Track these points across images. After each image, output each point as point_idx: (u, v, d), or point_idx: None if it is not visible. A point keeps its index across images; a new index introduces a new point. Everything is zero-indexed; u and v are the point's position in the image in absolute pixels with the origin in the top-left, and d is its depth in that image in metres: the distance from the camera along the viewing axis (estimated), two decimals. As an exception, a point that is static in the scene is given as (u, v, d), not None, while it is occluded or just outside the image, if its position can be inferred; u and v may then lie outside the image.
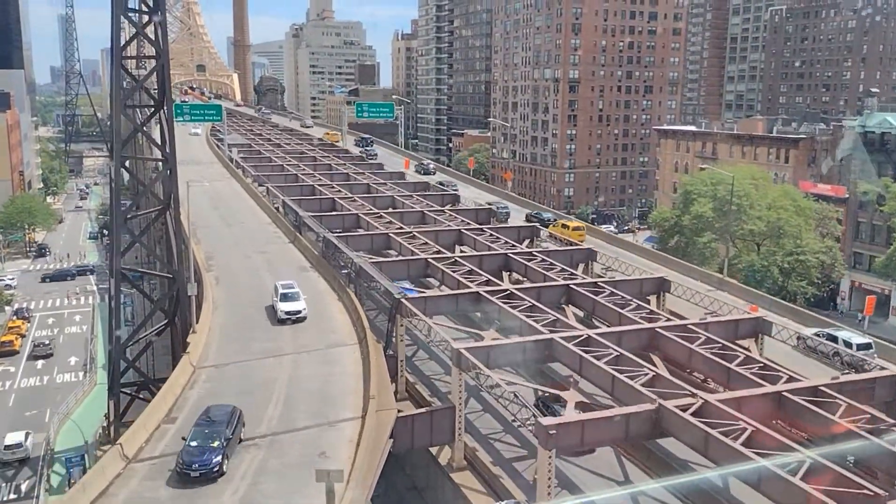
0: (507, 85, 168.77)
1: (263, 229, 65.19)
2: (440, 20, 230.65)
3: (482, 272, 46.87)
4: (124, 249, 48.57)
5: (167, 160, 46.89)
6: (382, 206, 70.05)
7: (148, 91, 47.64)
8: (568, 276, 46.67)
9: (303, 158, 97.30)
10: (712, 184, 70.03)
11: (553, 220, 68.91)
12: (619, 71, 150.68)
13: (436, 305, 41.67)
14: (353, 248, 53.36)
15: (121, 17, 44.66)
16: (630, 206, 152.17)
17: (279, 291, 42.71)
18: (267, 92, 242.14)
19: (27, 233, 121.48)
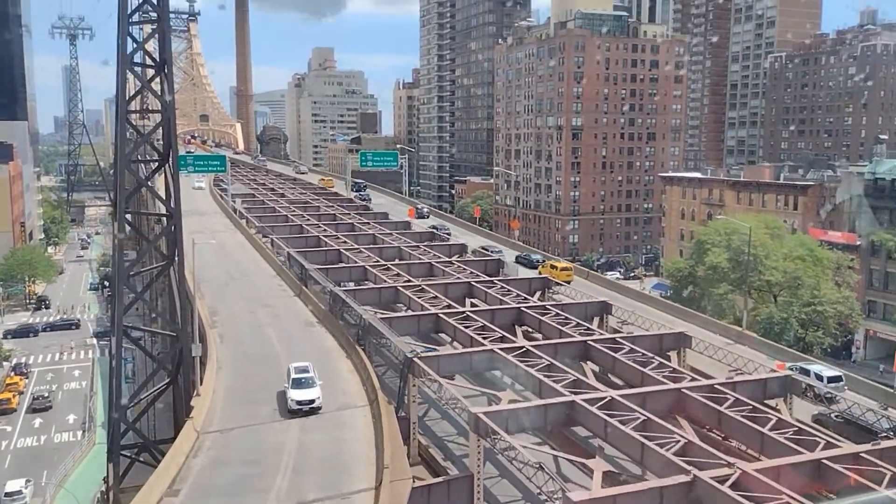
0: (509, 132, 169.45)
1: (268, 282, 63.92)
2: (441, 69, 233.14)
3: (495, 327, 45.42)
4: (127, 305, 47.42)
5: (172, 215, 45.92)
6: (389, 258, 68.90)
7: (153, 145, 46.89)
8: (584, 332, 45.20)
9: (307, 208, 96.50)
10: (726, 233, 69.07)
11: (542, 261, 71.01)
12: (621, 118, 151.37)
13: (449, 364, 40.10)
14: (361, 303, 51.99)
15: (126, 71, 44.13)
16: (635, 253, 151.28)
17: (291, 375, 37.58)
18: (270, 141, 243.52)
19: (28, 285, 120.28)
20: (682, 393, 35.16)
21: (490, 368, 41.06)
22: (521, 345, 41.67)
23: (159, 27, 44.43)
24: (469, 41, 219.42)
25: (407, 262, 66.43)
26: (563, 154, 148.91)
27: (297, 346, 47.02)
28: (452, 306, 50.50)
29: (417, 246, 71.29)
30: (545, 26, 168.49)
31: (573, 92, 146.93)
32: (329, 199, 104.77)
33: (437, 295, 52.86)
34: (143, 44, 44.16)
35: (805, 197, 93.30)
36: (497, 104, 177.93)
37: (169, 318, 49.00)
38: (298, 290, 59.50)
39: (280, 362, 43.98)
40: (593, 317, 51.22)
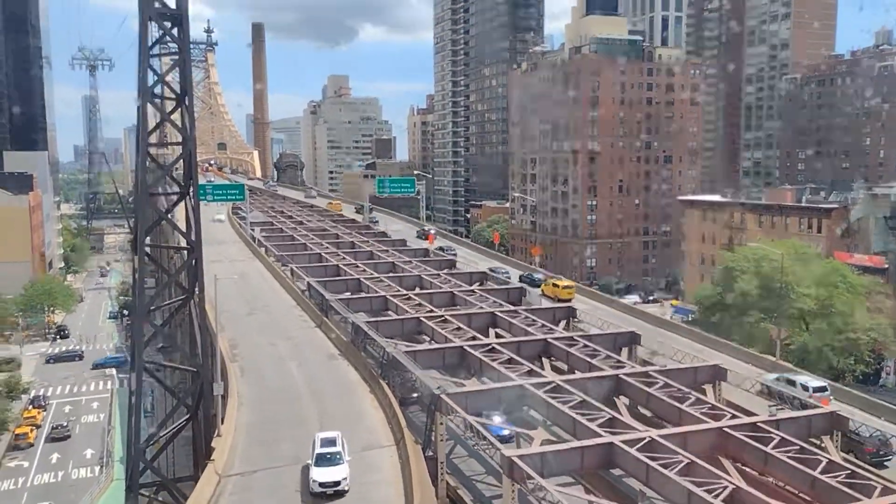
0: (525, 157, 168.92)
1: (289, 313, 63.08)
2: (456, 95, 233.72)
3: (522, 360, 44.23)
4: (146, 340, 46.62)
5: (193, 248, 45.24)
6: (409, 286, 67.97)
7: (174, 177, 46.37)
8: (615, 364, 43.85)
9: (325, 236, 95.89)
10: (755, 260, 67.69)
11: (543, 280, 73.61)
12: (638, 142, 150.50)
13: (478, 401, 38.85)
14: (383, 334, 50.98)
15: (147, 104, 43.71)
16: (654, 277, 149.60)
17: (315, 449, 32.47)
18: (287, 168, 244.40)
19: (47, 316, 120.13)
20: (724, 432, 33.74)
21: (520, 405, 39.77)
22: (550, 379, 40.40)
23: (180, 59, 44.12)
24: (483, 67, 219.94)
25: (428, 290, 65.45)
26: (580, 178, 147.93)
27: (319, 379, 46.07)
28: (477, 338, 49.39)
29: (437, 274, 70.33)
30: (560, 52, 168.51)
31: (589, 116, 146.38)
32: (347, 227, 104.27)
33: (460, 326, 51.79)
34: (163, 76, 43.77)
35: (829, 220, 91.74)
36: (512, 129, 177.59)
37: (189, 353, 48.05)
38: (319, 320, 58.60)
39: (302, 398, 43.04)
40: (622, 347, 49.87)
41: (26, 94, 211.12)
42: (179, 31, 43.90)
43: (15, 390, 75.51)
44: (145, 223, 44.65)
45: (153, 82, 43.29)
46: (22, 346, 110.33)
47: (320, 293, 61.73)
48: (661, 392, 38.95)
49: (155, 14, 42.58)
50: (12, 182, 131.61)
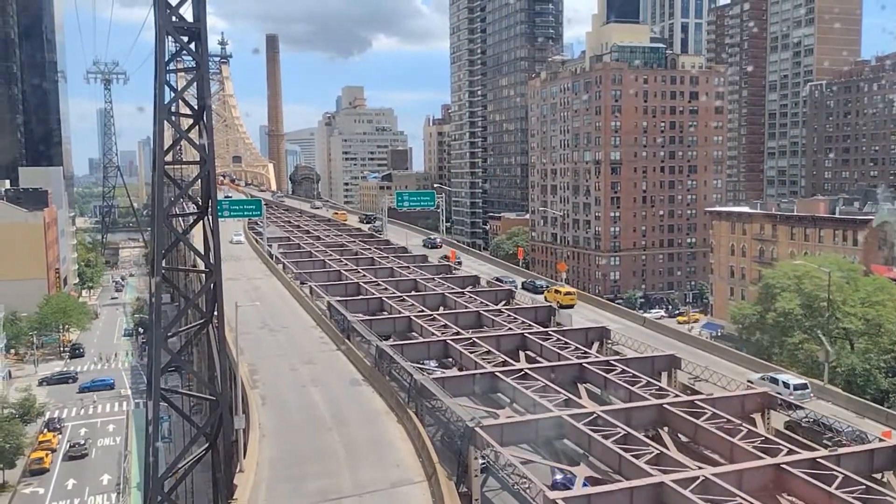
0: (545, 168, 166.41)
1: (308, 334, 60.99)
2: (473, 105, 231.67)
3: (558, 388, 41.83)
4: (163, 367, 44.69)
5: (211, 272, 43.23)
6: (433, 306, 65.79)
7: (192, 197, 44.41)
8: (657, 392, 41.34)
9: (344, 252, 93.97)
10: (796, 277, 64.83)
11: (546, 286, 75.60)
12: (661, 151, 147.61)
13: (514, 433, 36.47)
14: (409, 358, 48.81)
15: (164, 122, 41.84)
16: (680, 290, 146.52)
17: None
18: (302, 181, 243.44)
19: (61, 335, 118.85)
20: (781, 469, 31.20)
21: (559, 437, 37.34)
22: (590, 410, 37.95)
23: (198, 75, 42.23)
24: (500, 76, 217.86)
25: (453, 310, 63.22)
26: (603, 189, 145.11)
27: (343, 408, 43.89)
28: (508, 362, 47.10)
29: (462, 292, 68.10)
30: (580, 60, 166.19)
31: (611, 125, 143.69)
32: (366, 242, 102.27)
33: (489, 349, 49.53)
34: (181, 93, 41.91)
35: (865, 232, 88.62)
36: (531, 139, 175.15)
37: (208, 380, 46.00)
38: (341, 342, 56.46)
39: (326, 429, 40.88)
40: (661, 371, 47.42)
41: (42, 109, 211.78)
42: (197, 46, 42.03)
43: (30, 413, 73.89)
44: (162, 245, 42.73)
45: (170, 99, 41.46)
46: (37, 365, 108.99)
47: (342, 314, 59.66)
48: (710, 423, 36.44)
49: (171, 28, 40.73)
50: (27, 198, 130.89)
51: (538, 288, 76.69)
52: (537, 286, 77.40)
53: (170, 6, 41.26)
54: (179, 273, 69.82)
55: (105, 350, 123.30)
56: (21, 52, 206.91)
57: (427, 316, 58.70)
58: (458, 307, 63.69)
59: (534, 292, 74.82)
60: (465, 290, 69.11)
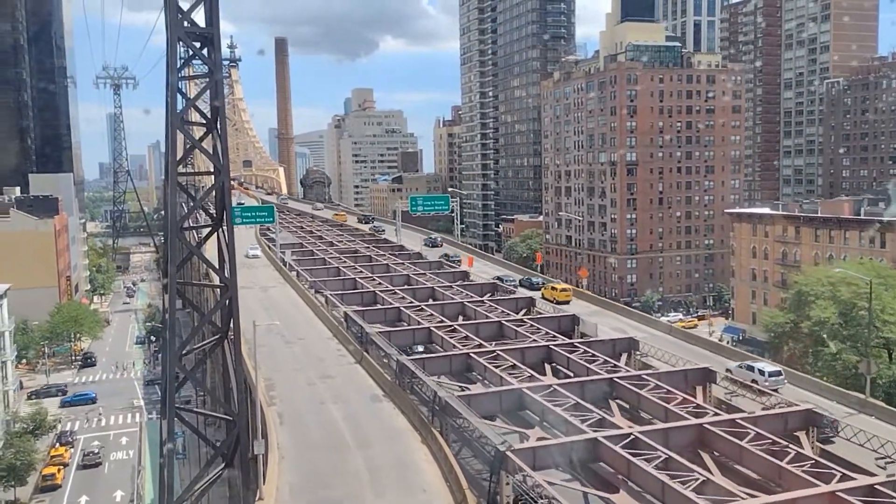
0: (559, 169, 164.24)
1: (325, 345, 59.26)
2: (484, 106, 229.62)
3: (590, 406, 39.91)
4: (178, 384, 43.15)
5: (227, 286, 41.60)
6: (451, 315, 64.00)
7: (206, 209, 42.81)
8: (695, 410, 39.39)
9: (357, 258, 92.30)
10: (830, 283, 62.59)
11: (542, 283, 78.60)
12: (677, 151, 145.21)
13: (547, 456, 34.58)
14: (430, 372, 47.07)
15: (176, 131, 40.23)
16: (698, 292, 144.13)
17: None
18: (314, 184, 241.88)
19: (73, 344, 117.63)
20: (836, 497, 29.22)
21: (594, 460, 35.43)
22: (626, 431, 36.04)
23: (211, 82, 40.62)
24: (512, 77, 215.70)
25: (473, 320, 61.44)
26: (618, 190, 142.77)
27: (364, 427, 42.12)
28: (535, 377, 45.25)
29: (481, 301, 66.23)
30: (594, 60, 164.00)
31: (626, 126, 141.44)
32: (380, 248, 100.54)
33: (514, 363, 47.68)
34: (194, 101, 40.32)
35: (893, 234, 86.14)
36: (545, 140, 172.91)
37: (224, 397, 44.43)
38: (359, 355, 54.70)
39: (348, 449, 39.16)
40: (695, 385, 45.37)
41: (52, 114, 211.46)
42: (210, 52, 40.42)
43: (42, 427, 72.49)
44: (176, 259, 41.11)
45: (183, 107, 39.87)
46: (48, 375, 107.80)
47: (359, 325, 57.94)
48: (754, 445, 34.50)
49: (183, 34, 39.12)
50: (37, 206, 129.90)
51: (534, 285, 78.85)
52: (533, 283, 79.85)
53: (181, 11, 39.70)
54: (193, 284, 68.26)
55: (117, 359, 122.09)
56: (30, 58, 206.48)
57: (447, 327, 56.91)
58: (479, 317, 61.94)
59: (531, 289, 77.32)
60: (485, 299, 67.24)
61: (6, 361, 79.86)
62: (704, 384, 45.62)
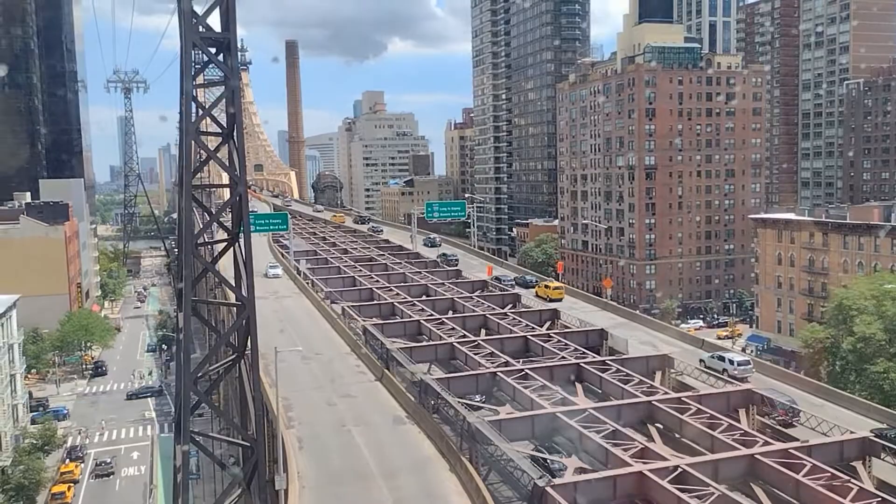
0: (575, 173, 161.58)
1: (343, 361, 56.96)
2: (497, 109, 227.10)
3: (631, 434, 37.54)
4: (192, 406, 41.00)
5: (244, 305, 39.39)
6: (473, 328, 61.75)
7: (222, 224, 40.60)
8: (742, 438, 36.92)
9: (374, 267, 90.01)
10: (874, 297, 59.92)
11: (535, 282, 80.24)
12: (697, 155, 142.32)
13: (591, 491, 32.22)
14: (456, 392, 44.83)
15: (191, 142, 38.08)
16: (718, 299, 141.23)
17: None
18: (325, 189, 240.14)
19: (84, 355, 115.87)
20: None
21: (640, 495, 33.03)
22: (674, 464, 33.63)
23: (227, 90, 38.41)
24: (525, 79, 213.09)
25: (496, 334, 59.15)
26: (637, 194, 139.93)
27: (389, 454, 39.86)
28: (567, 400, 42.82)
29: (504, 314, 63.86)
30: (610, 62, 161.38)
31: (645, 129, 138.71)
32: (396, 255, 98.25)
33: (544, 383, 45.30)
34: (209, 110, 38.11)
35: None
36: (560, 143, 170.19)
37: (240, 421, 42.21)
38: (380, 372, 52.38)
39: (372, 479, 36.92)
40: (737, 408, 42.88)
41: (62, 119, 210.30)
42: (226, 58, 38.26)
43: (51, 443, 70.54)
44: (190, 277, 38.93)
45: (198, 117, 37.69)
46: (58, 385, 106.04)
47: (380, 340, 55.70)
48: (809, 479, 32.10)
49: (198, 39, 36.95)
50: (48, 212, 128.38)
51: (529, 283, 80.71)
52: (528, 281, 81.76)
53: (196, 15, 37.57)
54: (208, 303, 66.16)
55: (128, 367, 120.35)
56: (41, 63, 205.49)
57: (470, 342, 54.57)
58: (502, 330, 59.59)
59: (524, 287, 79.44)
60: (507, 311, 64.88)
61: (15, 375, 78.14)
62: (747, 406, 43.15)
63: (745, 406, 42.68)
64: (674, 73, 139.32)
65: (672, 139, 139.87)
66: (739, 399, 43.42)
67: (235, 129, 39.71)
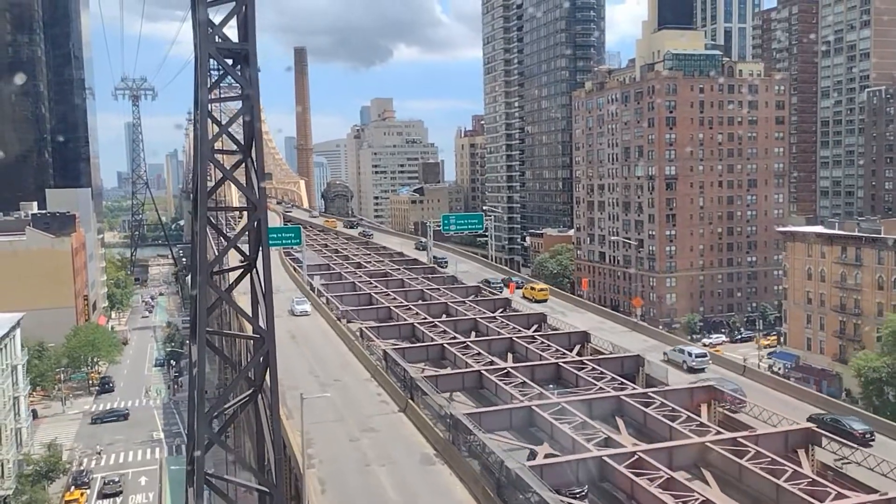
0: (591, 183, 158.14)
1: (363, 389, 53.73)
2: (510, 116, 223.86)
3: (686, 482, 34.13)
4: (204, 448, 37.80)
5: (263, 339, 36.18)
6: (499, 352, 58.56)
7: (240, 250, 37.39)
8: (810, 488, 33.46)
9: (389, 283, 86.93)
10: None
11: (521, 283, 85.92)
12: (718, 165, 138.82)
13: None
14: (489, 427, 41.67)
15: (207, 163, 34.96)
16: (740, 312, 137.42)
17: None
18: (335, 198, 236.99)
19: (90, 372, 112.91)
20: None
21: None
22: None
23: (246, 105, 35.29)
24: (539, 87, 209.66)
25: (525, 360, 55.90)
26: (657, 205, 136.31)
27: (418, 499, 36.66)
28: (612, 440, 39.42)
29: (532, 337, 60.46)
30: (628, 69, 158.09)
31: (665, 138, 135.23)
32: (412, 270, 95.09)
33: (584, 419, 41.89)
34: (226, 127, 34.99)
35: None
36: (576, 152, 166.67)
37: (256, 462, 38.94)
38: (403, 403, 49.12)
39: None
40: (796, 448, 39.42)
41: (70, 127, 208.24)
42: (245, 70, 35.16)
43: (54, 470, 67.43)
44: (204, 309, 35.72)
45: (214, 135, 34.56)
46: (64, 402, 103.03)
47: (402, 366, 52.42)
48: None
49: (215, 51, 33.84)
50: (54, 223, 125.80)
51: (517, 284, 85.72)
52: (515, 282, 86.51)
53: (212, 25, 34.48)
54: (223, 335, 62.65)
55: (136, 383, 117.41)
56: (49, 71, 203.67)
57: (499, 370, 51.24)
58: (531, 356, 56.28)
59: None
60: (535, 334, 61.56)
61: (19, 397, 75.13)
62: (807, 447, 39.71)
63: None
64: (695, 80, 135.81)
65: (693, 148, 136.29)
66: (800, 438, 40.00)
67: (254, 146, 36.70)
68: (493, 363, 53.71)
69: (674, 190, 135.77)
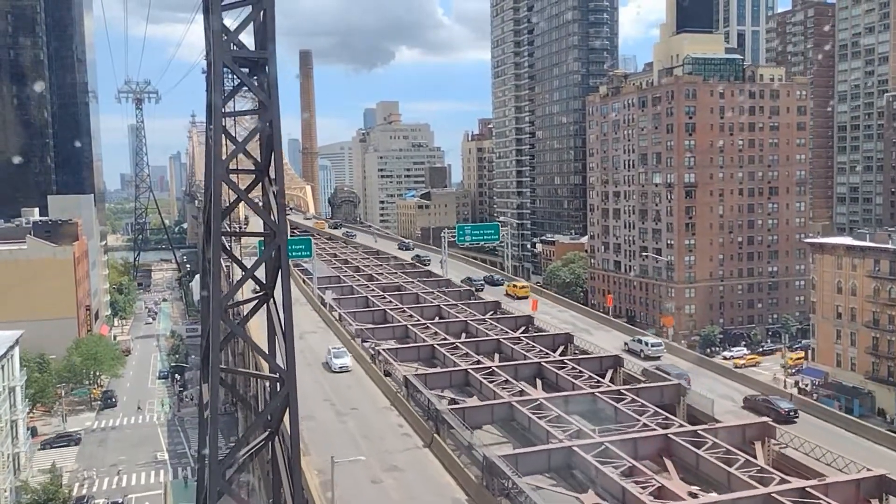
0: (606, 189, 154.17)
1: (384, 419, 50.04)
2: (519, 121, 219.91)
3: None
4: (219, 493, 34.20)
5: (283, 380, 32.57)
6: (527, 377, 54.92)
7: (257, 279, 33.81)
8: None
9: (404, 297, 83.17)
10: None
11: (502, 281, 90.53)
12: (739, 172, 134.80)
13: None
14: (526, 469, 38.14)
15: (221, 184, 31.40)
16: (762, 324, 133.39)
17: None
18: (342, 204, 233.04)
19: (92, 388, 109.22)
20: None
21: None
22: None
23: (264, 118, 31.71)
24: (550, 91, 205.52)
25: (556, 388, 52.28)
26: (676, 214, 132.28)
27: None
28: (666, 489, 35.75)
29: (562, 361, 56.61)
30: (645, 73, 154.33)
31: (684, 144, 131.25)
32: (426, 283, 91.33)
33: (631, 462, 38.24)
34: (243, 144, 31.44)
35: None
36: (590, 158, 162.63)
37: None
38: (429, 437, 45.50)
39: None
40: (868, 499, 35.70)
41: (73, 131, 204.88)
42: (262, 81, 31.60)
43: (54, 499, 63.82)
44: (217, 342, 32.12)
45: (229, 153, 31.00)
46: (65, 419, 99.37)
47: (426, 396, 48.72)
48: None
49: (230, 59, 30.32)
50: (56, 231, 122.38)
51: (497, 282, 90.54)
52: (496, 280, 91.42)
53: (227, 31, 30.95)
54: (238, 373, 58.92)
55: (139, 396, 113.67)
56: (51, 74, 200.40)
57: (532, 402, 47.38)
58: (562, 383, 52.60)
59: (492, 285, 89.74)
60: (565, 359, 57.68)
61: (17, 420, 71.56)
62: (881, 496, 35.98)
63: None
64: (715, 85, 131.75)
65: (713, 155, 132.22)
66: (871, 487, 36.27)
67: (273, 164, 33.14)
68: (524, 393, 50.04)
69: (693, 198, 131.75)
